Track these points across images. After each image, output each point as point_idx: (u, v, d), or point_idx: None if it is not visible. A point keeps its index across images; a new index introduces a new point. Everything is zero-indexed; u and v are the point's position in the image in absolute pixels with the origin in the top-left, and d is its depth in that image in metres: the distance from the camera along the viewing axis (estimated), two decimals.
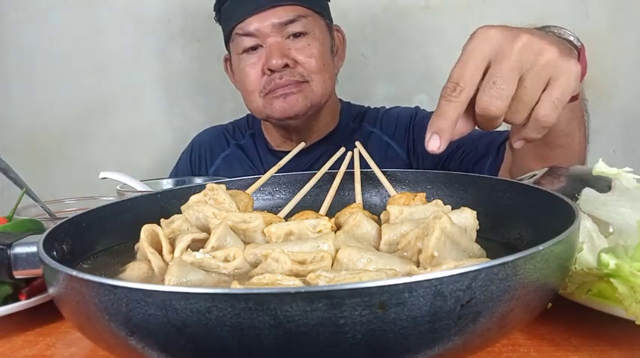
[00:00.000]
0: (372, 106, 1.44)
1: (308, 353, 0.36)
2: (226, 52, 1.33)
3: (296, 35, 1.20)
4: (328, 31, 1.28)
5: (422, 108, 1.38)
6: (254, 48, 1.21)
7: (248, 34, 1.20)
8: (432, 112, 1.36)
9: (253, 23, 1.18)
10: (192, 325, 0.35)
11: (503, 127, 0.72)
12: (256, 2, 1.18)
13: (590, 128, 0.93)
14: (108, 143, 1.83)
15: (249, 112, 1.45)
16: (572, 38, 0.74)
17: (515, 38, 0.57)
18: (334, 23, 1.33)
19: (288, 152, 0.82)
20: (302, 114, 1.23)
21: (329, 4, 1.30)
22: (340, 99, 1.41)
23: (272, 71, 1.18)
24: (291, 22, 1.19)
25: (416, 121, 1.32)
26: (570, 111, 0.80)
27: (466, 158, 1.14)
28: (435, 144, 0.57)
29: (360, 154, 0.82)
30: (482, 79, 0.58)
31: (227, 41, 1.28)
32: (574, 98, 0.69)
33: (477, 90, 0.58)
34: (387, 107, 1.42)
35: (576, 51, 0.73)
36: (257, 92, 1.22)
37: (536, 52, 0.57)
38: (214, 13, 1.30)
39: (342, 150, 0.85)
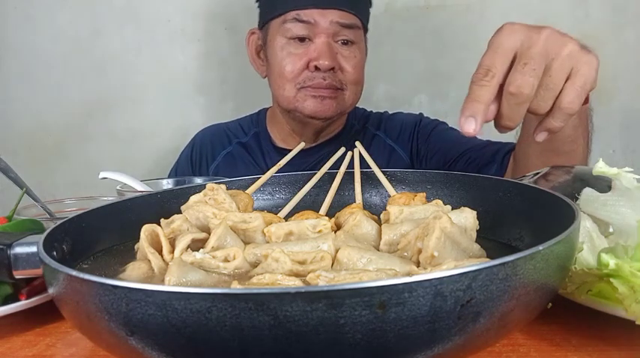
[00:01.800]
0: (372, 108, 1.45)
1: (308, 353, 0.36)
2: (254, 27, 1.32)
3: (345, 42, 1.22)
4: (365, 48, 1.31)
5: (422, 108, 1.39)
6: (302, 39, 1.20)
7: (304, 22, 1.19)
8: (436, 119, 1.36)
9: (315, 15, 1.18)
10: (192, 325, 0.35)
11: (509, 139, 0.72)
12: None
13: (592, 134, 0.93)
14: (108, 143, 1.83)
15: (246, 114, 1.46)
16: None
17: (540, 30, 0.61)
18: None
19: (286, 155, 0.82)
20: (329, 118, 1.25)
21: None
22: None
23: (317, 69, 1.19)
24: (348, 27, 1.20)
25: (420, 127, 1.34)
26: (577, 117, 0.81)
27: (471, 164, 1.16)
28: (470, 126, 0.57)
29: (360, 154, 0.82)
30: (510, 69, 0.60)
31: (270, 19, 1.25)
32: (585, 101, 0.71)
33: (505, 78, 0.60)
34: (390, 112, 1.44)
35: None
36: (294, 83, 1.22)
37: (560, 43, 0.60)
38: None
39: (342, 150, 0.85)
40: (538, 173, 0.73)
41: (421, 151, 1.31)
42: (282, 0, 1.23)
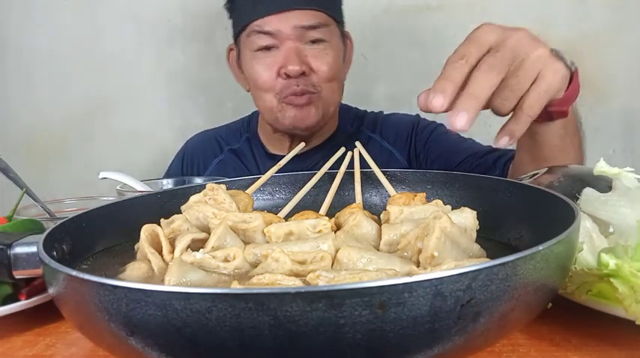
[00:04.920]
0: (369, 110, 1.42)
1: (308, 353, 0.36)
2: (231, 43, 1.30)
3: (314, 41, 1.17)
4: (342, 40, 1.26)
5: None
6: (269, 48, 1.17)
7: (267, 33, 1.16)
8: (433, 121, 1.36)
9: (274, 22, 1.15)
10: (192, 325, 0.35)
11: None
12: (279, 1, 1.15)
13: (592, 131, 0.93)
14: (108, 143, 1.83)
15: (245, 114, 1.44)
16: (568, 62, 0.76)
17: (515, 31, 0.64)
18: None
19: (286, 155, 0.82)
20: (312, 127, 1.22)
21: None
22: None
23: (288, 76, 1.15)
24: (313, 27, 1.16)
25: (418, 130, 1.31)
26: (563, 128, 0.83)
27: (475, 170, 1.14)
28: (438, 101, 0.59)
29: (360, 154, 0.82)
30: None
31: (238, 33, 1.24)
32: (563, 114, 0.75)
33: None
34: (386, 112, 1.40)
35: (569, 73, 0.74)
36: (272, 93, 1.19)
37: (532, 46, 0.64)
38: (225, 1, 1.26)
39: (342, 150, 0.85)
40: (537, 173, 0.73)
41: (420, 156, 1.29)
42: (243, 11, 1.21)
